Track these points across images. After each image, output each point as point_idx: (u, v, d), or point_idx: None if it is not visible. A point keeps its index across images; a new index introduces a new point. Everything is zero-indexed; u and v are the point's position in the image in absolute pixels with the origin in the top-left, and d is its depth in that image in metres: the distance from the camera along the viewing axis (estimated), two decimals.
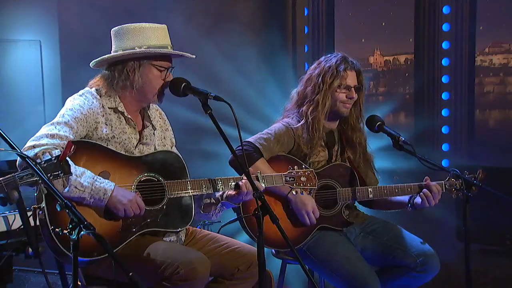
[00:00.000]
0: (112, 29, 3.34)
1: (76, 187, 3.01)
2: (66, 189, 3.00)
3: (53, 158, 2.58)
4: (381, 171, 4.19)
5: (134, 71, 3.25)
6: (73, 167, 3.01)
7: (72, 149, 2.58)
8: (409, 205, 3.95)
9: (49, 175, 2.59)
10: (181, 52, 3.31)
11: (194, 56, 3.38)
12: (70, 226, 2.45)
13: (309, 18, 6.52)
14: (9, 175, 2.61)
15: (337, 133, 4.07)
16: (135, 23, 3.29)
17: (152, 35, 3.26)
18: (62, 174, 2.61)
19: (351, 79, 3.94)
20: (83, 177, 3.03)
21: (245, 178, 3.28)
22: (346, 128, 4.05)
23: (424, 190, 3.88)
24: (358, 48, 6.35)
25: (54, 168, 2.60)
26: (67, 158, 2.54)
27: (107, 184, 3.07)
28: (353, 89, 3.94)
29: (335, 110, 3.95)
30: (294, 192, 3.58)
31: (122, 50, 3.26)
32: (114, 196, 3.06)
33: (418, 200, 3.93)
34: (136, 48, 3.24)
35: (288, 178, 3.51)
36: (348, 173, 3.99)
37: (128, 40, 3.26)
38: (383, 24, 6.35)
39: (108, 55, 3.27)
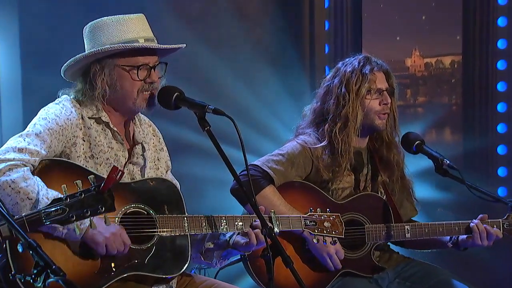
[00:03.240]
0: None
1: None
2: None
3: (92, 188, 2.55)
4: (420, 202, 4.24)
5: (98, 77, 3.33)
6: (45, 189, 3.10)
7: (118, 175, 2.55)
8: (451, 241, 4.00)
9: (85, 210, 2.53)
10: (153, 44, 3.34)
11: (182, 46, 3.42)
12: (35, 271, 2.48)
13: (330, 11, 6.55)
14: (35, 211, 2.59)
15: (367, 153, 4.15)
16: (100, 19, 3.40)
17: (115, 30, 3.35)
18: (103, 210, 2.58)
19: (381, 81, 4.02)
20: None
21: (256, 220, 3.33)
22: (380, 146, 4.12)
23: (474, 225, 3.91)
24: (392, 48, 6.41)
25: (93, 202, 2.57)
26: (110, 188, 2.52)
27: None
28: (385, 92, 4.02)
29: (369, 125, 4.03)
30: (315, 241, 3.63)
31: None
32: (93, 228, 3.13)
33: (464, 237, 3.97)
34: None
35: (308, 222, 3.58)
36: (380, 206, 4.05)
37: (92, 41, 3.38)
38: (424, 18, 6.42)
39: (64, 64, 3.38)
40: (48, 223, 2.60)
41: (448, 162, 3.93)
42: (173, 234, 3.34)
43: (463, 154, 6.02)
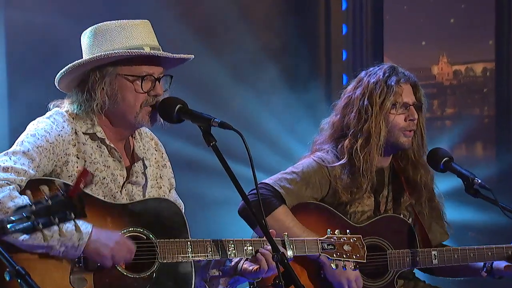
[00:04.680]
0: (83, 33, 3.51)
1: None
2: (26, 235, 3.06)
3: (61, 193, 2.57)
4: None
5: (97, 87, 3.35)
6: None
7: (87, 180, 2.57)
8: (485, 269, 4.01)
9: (52, 217, 2.55)
10: (161, 52, 3.37)
11: (191, 57, 3.47)
12: None
13: (348, 14, 6.58)
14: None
15: (389, 172, 4.18)
16: (103, 23, 3.43)
17: (119, 36, 3.38)
18: (72, 216, 2.59)
19: (407, 94, 4.05)
20: None
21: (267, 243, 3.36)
22: (406, 166, 4.14)
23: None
24: (417, 54, 6.44)
25: (61, 208, 2.56)
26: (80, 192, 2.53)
27: (83, 226, 3.16)
28: (412, 107, 4.04)
29: (392, 142, 4.05)
30: (333, 266, 3.65)
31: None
32: (94, 240, 3.17)
33: (499, 264, 4.00)
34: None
35: (326, 246, 3.59)
36: (404, 230, 4.08)
37: (93, 46, 3.41)
38: (452, 21, 6.45)
39: (60, 71, 3.40)
40: (12, 229, 2.62)
41: (479, 181, 3.94)
42: (175, 261, 3.36)
43: (497, 172, 6.03)
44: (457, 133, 6.29)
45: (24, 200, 3.13)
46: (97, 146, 3.42)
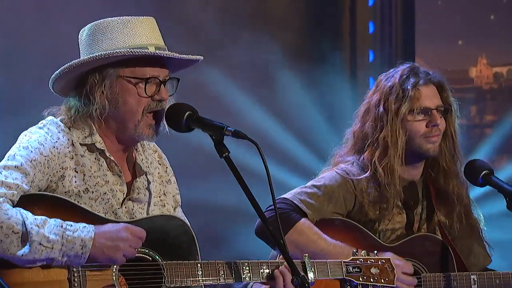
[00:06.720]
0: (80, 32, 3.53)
1: (41, 244, 3.13)
2: (26, 249, 3.12)
3: None
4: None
5: (97, 90, 3.36)
6: (31, 217, 3.16)
7: None
8: None
9: None
10: (168, 52, 3.38)
11: (199, 58, 3.47)
12: None
13: (375, 10, 6.60)
14: None
15: (422, 185, 4.18)
16: (103, 19, 3.44)
17: (121, 34, 3.39)
18: None
19: (428, 98, 4.04)
20: (47, 227, 3.15)
21: (284, 262, 3.35)
22: (437, 175, 4.14)
23: None
24: (453, 55, 6.44)
25: None
26: None
27: (84, 231, 3.19)
28: (434, 111, 4.04)
29: (416, 150, 4.05)
30: None
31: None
32: (98, 245, 3.19)
33: None
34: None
35: (351, 269, 3.59)
36: (439, 250, 4.08)
37: (92, 46, 3.42)
38: (492, 17, 6.45)
39: (55, 72, 3.41)
40: None
41: None
42: (184, 285, 3.36)
43: None
44: (497, 143, 6.28)
45: (17, 211, 3.15)
46: (95, 158, 3.43)
